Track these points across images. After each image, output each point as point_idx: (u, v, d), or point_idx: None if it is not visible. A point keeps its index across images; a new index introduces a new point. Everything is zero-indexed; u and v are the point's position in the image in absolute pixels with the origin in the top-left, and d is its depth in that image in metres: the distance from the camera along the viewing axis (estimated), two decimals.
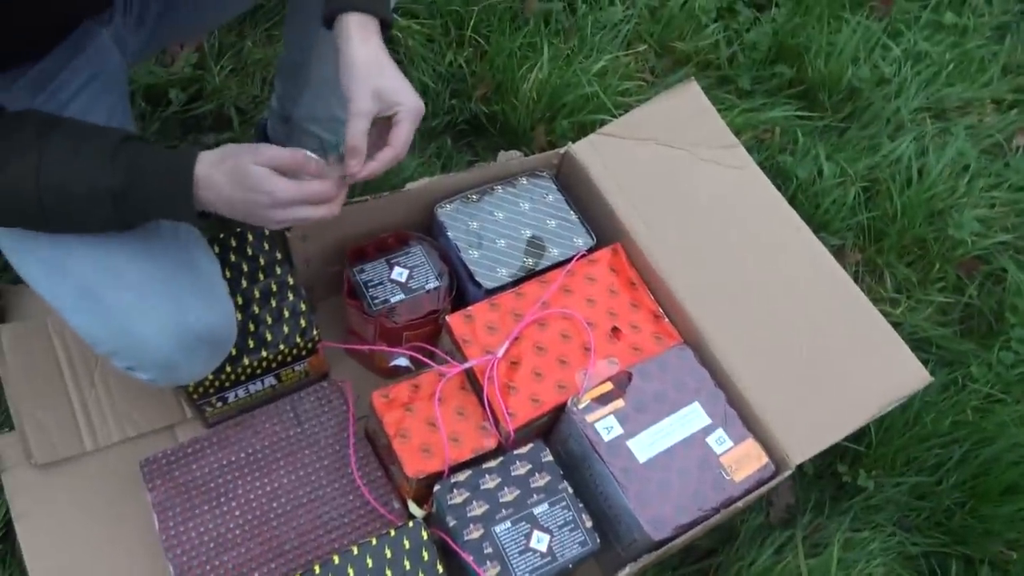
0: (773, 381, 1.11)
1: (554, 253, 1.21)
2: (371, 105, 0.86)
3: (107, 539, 1.07)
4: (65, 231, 0.88)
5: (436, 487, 1.03)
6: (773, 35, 1.67)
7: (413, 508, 1.08)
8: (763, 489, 1.05)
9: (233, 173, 0.82)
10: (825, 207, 1.45)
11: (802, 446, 1.07)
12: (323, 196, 0.85)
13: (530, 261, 1.20)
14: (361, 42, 0.87)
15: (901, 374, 1.12)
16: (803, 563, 1.12)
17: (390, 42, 0.94)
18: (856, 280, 1.30)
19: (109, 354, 0.95)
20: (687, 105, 1.30)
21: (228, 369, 1.08)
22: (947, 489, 1.23)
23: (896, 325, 1.19)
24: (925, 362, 1.33)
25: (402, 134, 0.88)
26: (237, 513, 1.07)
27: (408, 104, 0.87)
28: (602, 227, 1.24)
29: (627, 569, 0.97)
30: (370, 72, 0.86)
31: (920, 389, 1.10)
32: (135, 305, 0.91)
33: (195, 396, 1.10)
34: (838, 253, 1.40)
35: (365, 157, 0.87)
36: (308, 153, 0.86)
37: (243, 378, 1.11)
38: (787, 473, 1.05)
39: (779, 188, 1.27)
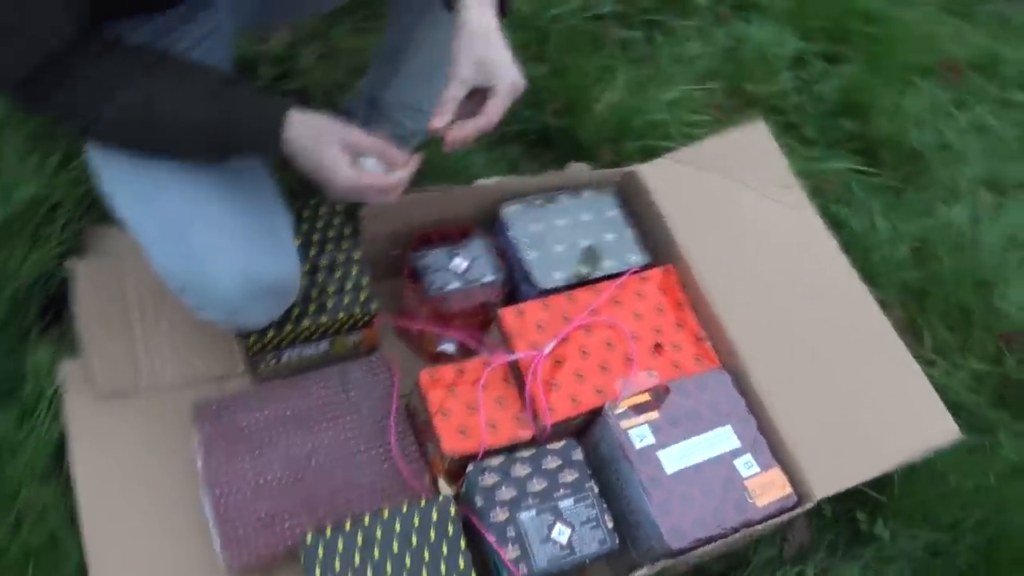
0: (805, 416, 1.14)
1: (608, 265, 1.26)
2: (471, 73, 0.91)
3: (152, 470, 1.13)
4: (162, 156, 0.94)
5: (469, 468, 1.07)
6: (842, 89, 1.71)
7: (442, 485, 1.12)
8: (783, 517, 1.08)
9: (311, 150, 0.89)
10: (873, 260, 1.48)
11: (826, 482, 1.09)
12: (379, 191, 0.93)
13: (584, 269, 1.24)
14: (477, 12, 0.92)
15: (932, 426, 1.15)
16: None
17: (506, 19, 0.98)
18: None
19: (179, 290, 1.01)
20: (754, 143, 1.35)
21: (288, 328, 1.13)
22: (963, 550, 1.24)
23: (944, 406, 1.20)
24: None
25: (495, 106, 0.93)
26: (276, 464, 1.12)
27: (507, 79, 0.92)
28: (657, 248, 1.29)
29: (644, 570, 1.00)
30: (478, 42, 0.91)
31: (949, 443, 1.12)
32: (211, 248, 0.96)
33: (252, 351, 1.15)
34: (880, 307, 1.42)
35: (456, 123, 0.93)
36: (389, 146, 0.93)
37: (299, 339, 1.17)
38: (808, 505, 1.08)
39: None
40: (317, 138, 0.90)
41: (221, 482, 1.09)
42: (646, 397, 1.13)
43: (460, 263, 1.23)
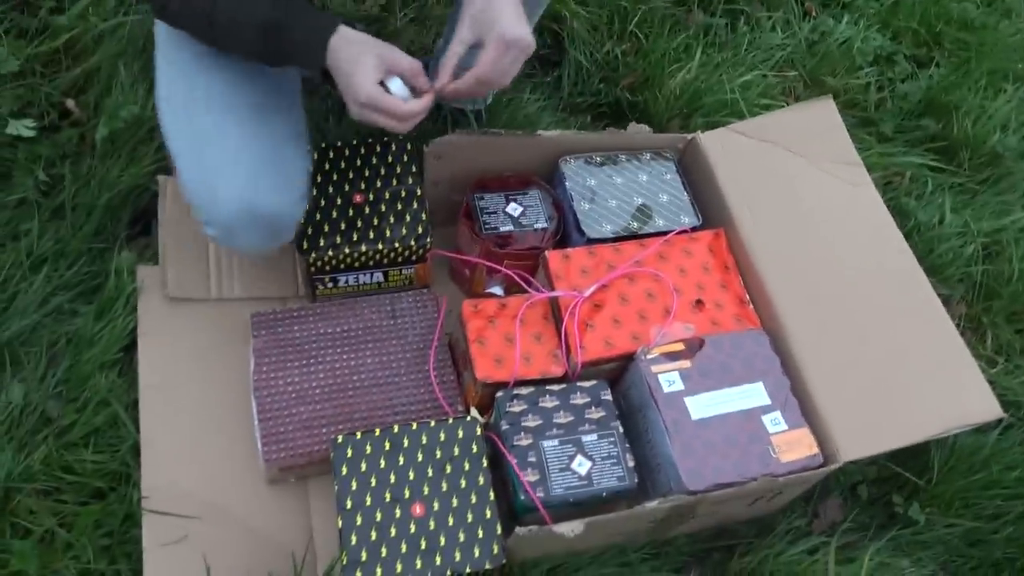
0: (841, 382, 1.13)
1: (659, 223, 1.28)
2: (468, 31, 0.97)
3: (210, 370, 1.22)
4: (220, 47, 1.02)
5: (499, 394, 1.11)
6: (926, 90, 1.69)
7: (474, 413, 1.16)
8: (806, 474, 1.07)
9: (350, 57, 0.94)
10: (939, 252, 1.45)
11: (855, 446, 1.08)
12: (394, 115, 0.95)
13: (635, 224, 1.27)
14: None
15: (973, 403, 1.12)
16: (832, 566, 1.12)
17: None
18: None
19: (191, 202, 1.08)
20: (819, 119, 1.35)
21: (347, 251, 1.20)
22: (1001, 541, 1.20)
23: (988, 383, 1.17)
24: (1010, 425, 1.31)
25: (484, 58, 0.96)
26: (321, 376, 1.18)
27: (497, 32, 0.95)
28: (710, 213, 1.30)
29: (656, 502, 1.02)
30: (475, 2, 0.96)
31: (988, 421, 1.09)
32: (221, 169, 1.03)
33: (312, 270, 1.22)
34: (944, 303, 1.39)
35: (451, 78, 0.99)
36: (420, 72, 0.98)
37: (356, 264, 1.23)
38: (834, 466, 1.07)
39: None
40: (356, 50, 0.95)
41: (268, 385, 1.17)
42: (680, 347, 1.15)
43: (515, 208, 1.28)
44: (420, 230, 1.23)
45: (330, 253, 1.20)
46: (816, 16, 1.81)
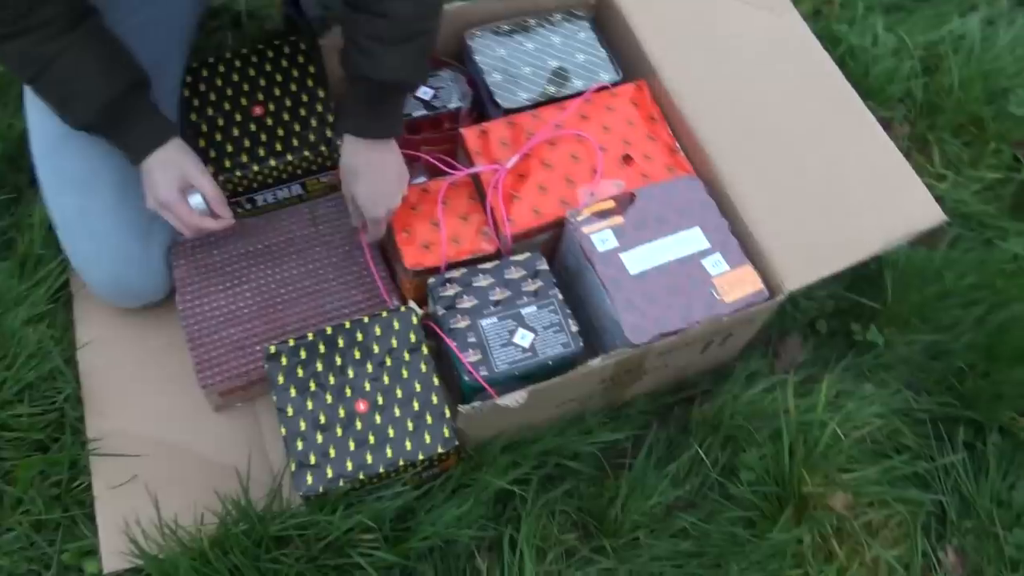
0: (781, 215, 1.09)
1: (577, 84, 1.22)
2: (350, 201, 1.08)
3: (144, 313, 1.19)
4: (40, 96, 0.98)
5: (430, 280, 1.07)
6: None
7: (411, 305, 1.12)
8: (752, 310, 1.04)
9: (165, 160, 1.01)
10: (875, 73, 1.39)
11: (799, 274, 1.05)
12: (184, 220, 1.03)
13: (552, 89, 1.21)
14: (347, 150, 1.03)
15: (914, 211, 1.08)
16: (791, 399, 1.10)
17: None
18: (902, 154, 1.25)
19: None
20: None
21: (256, 168, 1.14)
22: (960, 349, 1.18)
23: (937, 199, 1.13)
24: (959, 236, 1.28)
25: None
26: (248, 295, 1.14)
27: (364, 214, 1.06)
28: (631, 66, 1.24)
29: (598, 359, 0.99)
30: (347, 177, 1.05)
31: (932, 227, 1.06)
32: (90, 258, 1.12)
33: (226, 194, 1.16)
34: (885, 127, 1.34)
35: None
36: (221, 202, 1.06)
37: (270, 180, 1.17)
38: (780, 298, 1.04)
39: (826, 51, 1.23)
40: (172, 158, 1.01)
41: (195, 313, 1.12)
42: (611, 204, 1.10)
43: (426, 91, 1.22)
44: (329, 134, 1.17)
45: (238, 174, 1.14)
46: None
